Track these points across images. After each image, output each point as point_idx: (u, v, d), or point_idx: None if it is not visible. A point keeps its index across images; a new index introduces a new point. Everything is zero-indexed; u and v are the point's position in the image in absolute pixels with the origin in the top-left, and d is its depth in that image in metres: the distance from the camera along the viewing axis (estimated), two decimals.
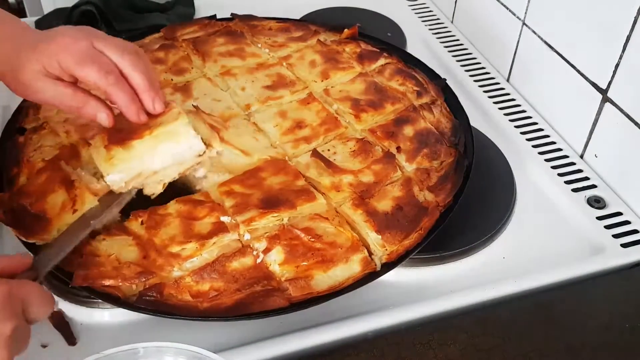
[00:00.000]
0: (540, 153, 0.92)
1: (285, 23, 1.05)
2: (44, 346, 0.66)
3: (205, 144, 0.71)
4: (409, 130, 0.83)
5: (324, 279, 0.66)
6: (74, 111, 0.69)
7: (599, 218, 0.82)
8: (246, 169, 0.76)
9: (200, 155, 0.72)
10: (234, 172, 0.76)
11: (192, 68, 0.93)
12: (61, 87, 0.67)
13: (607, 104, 0.84)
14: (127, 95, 0.67)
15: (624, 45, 0.79)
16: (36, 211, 0.70)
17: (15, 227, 0.67)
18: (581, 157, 0.91)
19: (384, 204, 0.73)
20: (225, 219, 0.70)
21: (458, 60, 1.11)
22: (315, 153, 0.77)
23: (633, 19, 0.76)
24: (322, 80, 0.91)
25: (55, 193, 0.71)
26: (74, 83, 0.68)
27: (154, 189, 0.72)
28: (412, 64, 0.96)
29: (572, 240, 0.80)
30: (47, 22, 1.11)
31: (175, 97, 0.86)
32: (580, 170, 0.89)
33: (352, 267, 0.67)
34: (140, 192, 0.72)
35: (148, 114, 0.69)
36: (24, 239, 0.67)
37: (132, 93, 0.67)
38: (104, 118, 0.68)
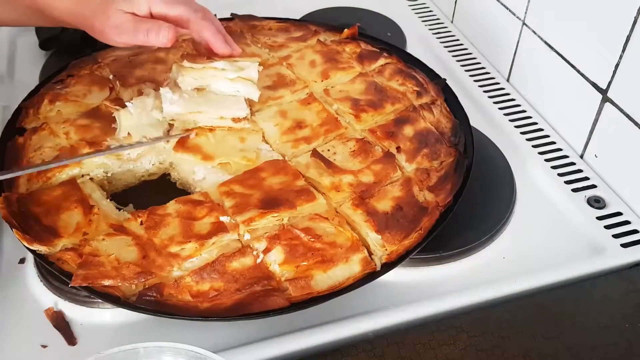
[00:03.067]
0: (540, 153, 0.92)
1: (285, 23, 1.05)
2: (44, 346, 0.66)
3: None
4: (409, 130, 0.83)
5: (324, 279, 0.66)
6: (143, 37, 0.75)
7: (599, 218, 0.82)
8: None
9: (234, 120, 0.81)
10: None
11: None
12: (137, 17, 0.75)
13: (607, 104, 0.84)
14: (214, 28, 0.78)
15: (624, 45, 0.79)
16: (47, 224, 0.69)
17: (21, 231, 0.67)
18: (581, 157, 0.91)
19: (384, 204, 0.73)
20: (224, 219, 0.70)
21: (458, 60, 1.11)
22: (315, 153, 0.77)
23: (633, 19, 0.76)
24: (322, 80, 0.91)
25: (70, 211, 0.71)
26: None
27: (187, 124, 0.81)
28: (412, 64, 0.96)
29: (572, 240, 0.79)
30: None
31: None
32: (580, 170, 0.89)
33: (352, 267, 0.67)
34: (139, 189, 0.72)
35: None
36: (27, 245, 0.67)
37: (219, 26, 0.80)
38: (165, 32, 0.75)
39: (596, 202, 0.84)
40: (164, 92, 0.79)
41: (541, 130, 0.96)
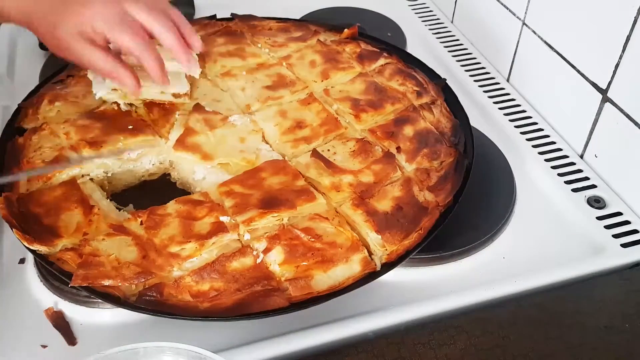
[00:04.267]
0: (540, 153, 0.92)
1: (285, 23, 1.05)
2: (44, 346, 0.66)
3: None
4: (408, 130, 0.83)
5: (324, 279, 0.66)
6: (104, 75, 0.74)
7: (599, 218, 0.82)
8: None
9: (174, 95, 0.83)
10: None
11: None
12: (95, 51, 0.72)
13: (607, 104, 0.84)
14: (155, 62, 0.73)
15: (624, 45, 0.79)
16: (47, 224, 0.69)
17: (21, 231, 0.67)
18: (581, 157, 0.91)
19: (384, 204, 0.72)
20: (224, 219, 0.70)
21: (458, 60, 1.11)
22: (315, 153, 0.77)
23: (633, 19, 0.76)
24: (322, 80, 0.91)
25: (70, 212, 0.71)
26: (106, 47, 0.73)
27: (129, 99, 0.82)
28: (412, 64, 0.96)
29: (572, 240, 0.79)
30: None
31: None
32: (580, 170, 0.89)
33: (352, 267, 0.67)
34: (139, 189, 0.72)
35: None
36: (27, 245, 0.67)
37: (159, 59, 0.74)
38: (130, 85, 0.75)
39: (596, 202, 0.84)
40: (93, 75, 0.79)
41: (541, 130, 0.96)
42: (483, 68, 1.10)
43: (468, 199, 0.75)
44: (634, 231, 0.80)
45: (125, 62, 0.75)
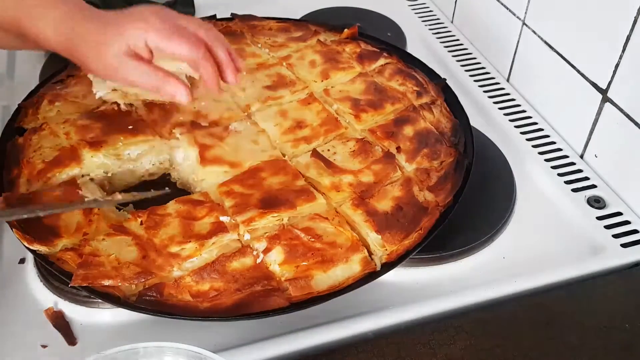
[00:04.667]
0: (540, 153, 0.92)
1: (285, 23, 1.05)
2: (44, 346, 0.66)
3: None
4: (408, 130, 0.83)
5: (324, 279, 0.66)
6: (153, 90, 0.72)
7: (599, 218, 0.82)
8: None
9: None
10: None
11: None
12: (143, 66, 0.70)
13: (607, 104, 0.84)
14: (212, 68, 0.71)
15: (624, 45, 0.79)
16: (47, 224, 0.69)
17: (21, 231, 0.67)
18: (581, 157, 0.91)
19: (384, 204, 0.72)
20: (224, 219, 0.70)
21: (458, 60, 1.11)
22: (315, 153, 0.77)
23: (633, 19, 0.76)
24: (322, 80, 0.91)
25: (71, 212, 0.71)
26: (151, 61, 0.71)
27: (130, 99, 0.81)
28: (412, 64, 0.96)
29: (572, 240, 0.79)
30: None
31: None
32: (580, 170, 0.89)
33: (352, 267, 0.67)
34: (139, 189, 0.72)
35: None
36: (27, 245, 0.67)
37: (215, 66, 0.72)
38: (183, 96, 0.72)
39: (596, 202, 0.84)
40: (93, 75, 0.78)
41: (541, 130, 0.96)
42: (483, 68, 1.10)
43: (468, 199, 0.75)
44: (634, 231, 0.80)
45: (170, 72, 0.73)
